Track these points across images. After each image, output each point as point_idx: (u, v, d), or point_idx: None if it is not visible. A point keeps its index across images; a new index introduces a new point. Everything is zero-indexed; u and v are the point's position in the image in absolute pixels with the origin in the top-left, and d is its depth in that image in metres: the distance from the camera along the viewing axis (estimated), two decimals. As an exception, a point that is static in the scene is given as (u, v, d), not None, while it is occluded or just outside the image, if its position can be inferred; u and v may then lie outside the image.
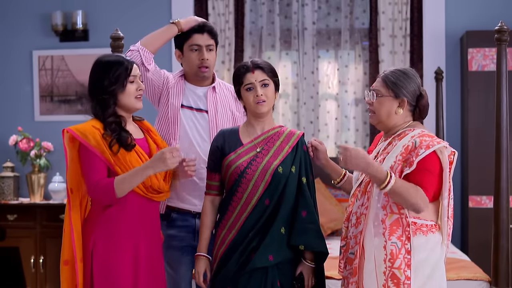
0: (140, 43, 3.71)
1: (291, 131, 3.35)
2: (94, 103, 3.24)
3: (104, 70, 3.23)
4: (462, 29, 6.23)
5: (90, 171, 3.14)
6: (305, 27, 6.54)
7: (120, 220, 3.18)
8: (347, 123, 6.60)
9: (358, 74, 6.56)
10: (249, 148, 3.30)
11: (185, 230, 3.63)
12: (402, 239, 3.03)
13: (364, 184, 3.17)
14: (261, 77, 3.27)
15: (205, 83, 3.75)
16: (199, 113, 3.68)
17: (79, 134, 3.14)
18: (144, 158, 3.22)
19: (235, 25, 6.58)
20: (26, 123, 6.59)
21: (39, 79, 6.66)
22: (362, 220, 3.10)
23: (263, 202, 3.21)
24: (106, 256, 3.15)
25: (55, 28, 6.52)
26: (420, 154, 2.99)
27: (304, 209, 3.22)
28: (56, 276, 6.13)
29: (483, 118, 5.93)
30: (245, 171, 3.24)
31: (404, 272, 3.01)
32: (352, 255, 3.14)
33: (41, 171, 6.41)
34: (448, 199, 3.09)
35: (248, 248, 3.19)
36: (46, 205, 6.28)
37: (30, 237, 6.22)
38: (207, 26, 3.69)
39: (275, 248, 3.17)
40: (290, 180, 3.23)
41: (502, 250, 3.99)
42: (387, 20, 6.45)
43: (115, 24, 6.45)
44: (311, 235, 3.19)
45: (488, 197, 5.90)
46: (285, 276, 3.22)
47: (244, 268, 3.17)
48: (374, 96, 3.17)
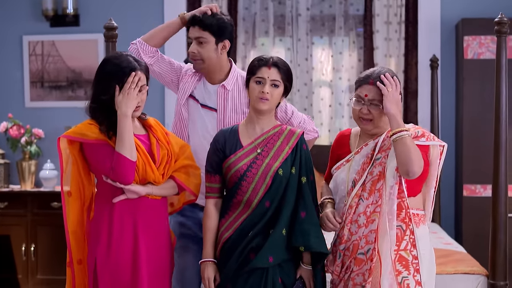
0: (140, 38, 3.71)
1: (290, 130, 3.29)
2: (95, 106, 3.18)
3: (109, 72, 3.16)
4: (457, 16, 6.18)
5: (100, 160, 3.12)
6: (299, 13, 6.47)
7: (119, 219, 3.16)
8: (341, 110, 6.55)
9: (353, 61, 6.51)
10: (249, 150, 3.24)
11: (192, 221, 3.63)
12: (406, 221, 3.13)
13: (372, 182, 3.17)
14: (274, 76, 3.20)
15: (216, 80, 3.67)
16: (209, 111, 3.64)
17: (76, 136, 3.12)
18: (141, 150, 3.18)
19: (229, 11, 6.48)
20: (17, 110, 6.50)
21: (29, 64, 6.56)
22: (375, 218, 3.13)
23: (263, 205, 3.18)
24: (108, 256, 3.13)
25: (46, 13, 6.42)
26: (421, 140, 3.14)
27: (304, 210, 3.18)
28: (47, 263, 6.12)
29: (478, 107, 5.90)
30: (245, 174, 3.20)
31: (410, 253, 3.12)
32: (363, 255, 3.15)
33: (32, 158, 6.34)
34: (434, 189, 3.25)
35: (247, 248, 3.16)
36: (37, 193, 6.22)
37: (21, 225, 6.17)
38: (196, 18, 3.58)
39: (276, 249, 3.14)
40: (290, 181, 3.19)
41: (500, 244, 3.96)
42: (382, 6, 6.39)
43: (106, 9, 6.43)
44: (310, 236, 3.14)
45: (483, 186, 5.88)
46: (286, 274, 3.19)
47: (243, 268, 3.15)
48: (376, 108, 3.18)
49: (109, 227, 3.15)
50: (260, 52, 6.54)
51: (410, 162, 3.03)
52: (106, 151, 3.11)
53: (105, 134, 3.12)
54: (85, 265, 3.23)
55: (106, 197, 3.17)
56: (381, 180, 3.14)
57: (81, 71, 6.47)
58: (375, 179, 3.17)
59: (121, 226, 3.16)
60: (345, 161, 3.32)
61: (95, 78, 3.21)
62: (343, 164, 3.31)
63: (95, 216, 3.22)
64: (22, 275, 6.16)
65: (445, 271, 4.13)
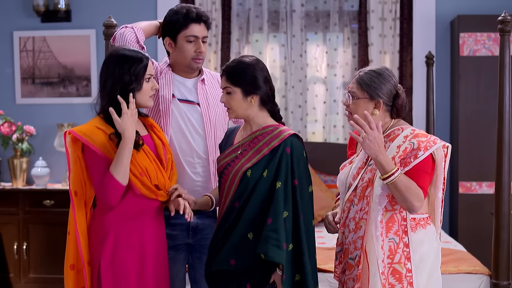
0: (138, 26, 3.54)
1: (281, 131, 3.12)
2: (107, 102, 3.08)
3: (122, 65, 3.08)
4: (452, 13, 6.16)
5: (95, 173, 3.04)
6: (294, 9, 6.43)
7: (125, 222, 3.09)
8: (335, 107, 6.53)
9: (347, 58, 6.48)
10: (233, 149, 3.19)
11: (179, 228, 3.50)
12: (399, 233, 3.05)
13: (361, 189, 3.11)
14: (224, 84, 3.16)
15: (193, 75, 3.60)
16: (191, 105, 3.55)
17: (82, 136, 3.02)
18: (151, 156, 3.12)
19: (222, 7, 6.44)
20: (7, 106, 6.41)
21: (20, 60, 6.47)
22: (362, 225, 3.07)
23: (233, 205, 3.11)
24: (113, 258, 3.06)
25: (37, 8, 6.32)
26: (419, 157, 3.00)
27: (270, 216, 3.00)
28: (39, 262, 6.06)
29: (474, 104, 5.91)
30: (223, 172, 3.17)
31: (404, 266, 3.02)
32: (352, 261, 3.11)
33: (24, 156, 6.26)
34: (442, 191, 3.15)
35: (215, 249, 3.14)
36: (29, 191, 6.15)
37: (13, 223, 6.09)
38: (204, 16, 3.52)
39: (239, 253, 3.05)
40: (259, 184, 3.06)
41: (503, 244, 3.94)
42: (376, 2, 6.36)
43: (98, 4, 6.36)
44: (269, 243, 2.96)
45: (478, 183, 5.89)
46: (254, 280, 3.08)
47: (209, 269, 3.14)
48: (350, 99, 3.14)
49: (115, 229, 3.08)
50: (254, 48, 6.50)
51: (406, 201, 2.97)
52: (103, 166, 3.02)
53: (114, 142, 3.03)
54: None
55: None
56: (370, 187, 3.07)
57: (73, 67, 6.39)
58: (364, 185, 3.10)
59: (127, 229, 3.09)
60: (348, 162, 3.29)
61: (113, 71, 3.09)
62: (346, 166, 3.28)
63: (99, 218, 3.13)
64: (14, 274, 6.08)
65: (447, 271, 4.12)
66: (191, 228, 3.50)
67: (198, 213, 3.45)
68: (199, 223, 3.51)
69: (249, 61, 3.15)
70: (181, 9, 3.50)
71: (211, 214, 3.54)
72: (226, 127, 3.62)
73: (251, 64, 3.14)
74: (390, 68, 5.54)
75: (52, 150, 6.36)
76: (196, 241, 3.52)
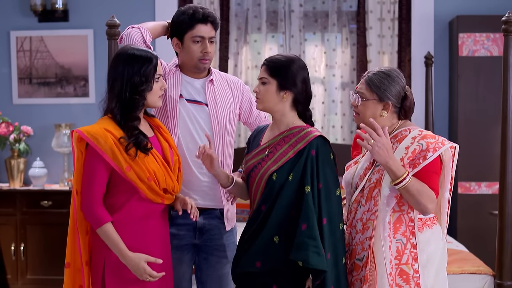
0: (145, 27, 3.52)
1: (307, 132, 3.08)
2: (116, 103, 3.02)
3: (132, 66, 3.02)
4: (451, 13, 6.17)
5: (90, 180, 2.97)
6: (292, 9, 6.42)
7: (130, 225, 3.04)
8: (334, 107, 6.52)
9: (346, 58, 6.47)
10: (260, 150, 3.17)
11: (185, 229, 3.48)
12: (407, 234, 3.04)
13: (369, 189, 3.11)
14: (261, 74, 3.16)
15: (202, 75, 3.58)
16: (199, 106, 3.53)
17: (89, 137, 2.95)
18: (159, 159, 3.08)
19: (220, 7, 6.42)
20: (4, 107, 6.37)
21: (17, 60, 6.42)
22: (370, 226, 3.07)
23: (260, 207, 3.09)
24: (118, 262, 3.01)
25: (34, 8, 6.28)
26: (428, 158, 2.99)
27: (304, 222, 2.95)
28: (37, 263, 6.03)
29: (472, 104, 5.91)
30: (250, 174, 3.16)
31: (412, 267, 3.02)
32: (359, 262, 3.11)
33: (21, 156, 6.23)
34: (450, 191, 3.14)
35: (240, 250, 3.13)
36: (27, 191, 6.11)
37: (10, 224, 6.04)
38: (210, 16, 3.51)
39: (265, 255, 3.03)
40: (285, 188, 3.02)
41: (507, 244, 3.95)
42: (375, 3, 6.36)
43: (96, 4, 6.33)
44: (309, 251, 2.91)
45: (477, 183, 5.89)
46: (281, 282, 3.06)
47: (235, 270, 3.14)
48: (359, 100, 3.13)
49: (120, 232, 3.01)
50: (252, 48, 6.48)
51: (420, 205, 2.97)
52: (100, 175, 2.96)
53: (123, 145, 2.96)
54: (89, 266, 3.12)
55: (120, 200, 3.05)
56: (377, 188, 3.06)
57: (70, 67, 6.35)
58: (372, 186, 3.09)
59: (133, 232, 3.04)
60: (353, 162, 3.28)
61: (118, 67, 3.04)
62: (351, 166, 3.27)
63: None
64: (11, 275, 6.04)
65: (451, 271, 4.12)
66: (197, 228, 3.48)
67: (205, 213, 3.45)
68: (206, 223, 3.49)
69: (292, 57, 3.15)
70: (188, 9, 3.49)
71: (219, 215, 3.52)
72: (234, 128, 3.61)
73: (293, 60, 3.12)
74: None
75: (50, 151, 6.33)
76: (202, 242, 3.51)
